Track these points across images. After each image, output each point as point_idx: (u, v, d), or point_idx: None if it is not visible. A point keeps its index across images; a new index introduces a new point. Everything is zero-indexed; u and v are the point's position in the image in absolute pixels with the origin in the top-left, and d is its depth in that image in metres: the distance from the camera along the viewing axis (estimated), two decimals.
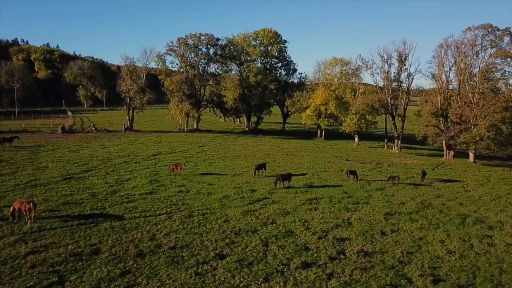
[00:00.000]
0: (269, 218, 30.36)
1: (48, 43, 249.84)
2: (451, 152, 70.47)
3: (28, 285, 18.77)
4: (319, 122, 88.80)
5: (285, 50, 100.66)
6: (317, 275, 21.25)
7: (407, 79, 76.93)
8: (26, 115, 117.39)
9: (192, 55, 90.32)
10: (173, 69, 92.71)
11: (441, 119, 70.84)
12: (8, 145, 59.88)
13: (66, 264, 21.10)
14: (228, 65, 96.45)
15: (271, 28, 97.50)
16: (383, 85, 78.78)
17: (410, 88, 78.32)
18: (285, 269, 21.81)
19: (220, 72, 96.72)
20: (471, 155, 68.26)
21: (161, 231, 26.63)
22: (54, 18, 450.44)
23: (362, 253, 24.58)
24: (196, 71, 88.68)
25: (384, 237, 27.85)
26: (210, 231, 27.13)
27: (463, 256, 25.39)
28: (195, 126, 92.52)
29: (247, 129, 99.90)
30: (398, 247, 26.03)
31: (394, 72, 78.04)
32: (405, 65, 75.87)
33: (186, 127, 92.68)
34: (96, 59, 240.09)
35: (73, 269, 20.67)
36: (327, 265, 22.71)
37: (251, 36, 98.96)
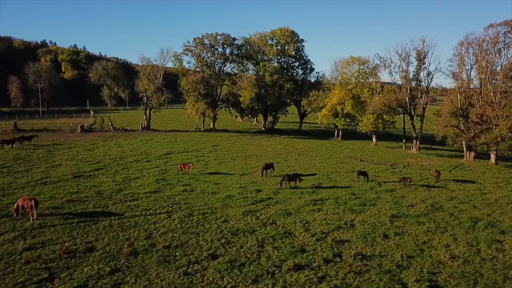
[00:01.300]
0: (269, 219, 30.03)
1: (75, 44, 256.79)
2: (472, 153, 68.14)
3: (18, 281, 19.10)
4: (335, 122, 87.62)
5: (302, 49, 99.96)
6: (308, 278, 20.81)
7: (427, 78, 74.94)
8: (50, 115, 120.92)
9: (209, 55, 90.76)
10: (190, 68, 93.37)
11: (461, 119, 68.58)
12: (27, 144, 61.65)
13: (59, 261, 21.39)
14: (244, 64, 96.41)
15: (288, 27, 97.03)
16: (402, 84, 76.89)
17: (429, 87, 76.13)
18: (277, 271, 21.45)
19: (237, 72, 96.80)
20: (492, 156, 65.82)
21: (159, 230, 26.71)
22: (82, 20, 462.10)
23: (360, 256, 23.93)
24: (212, 71, 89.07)
25: (386, 240, 27.07)
26: (207, 230, 27.04)
27: (467, 262, 24.38)
28: (211, 125, 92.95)
29: (263, 128, 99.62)
30: (399, 251, 25.24)
31: (413, 71, 76.17)
32: (424, 63, 73.88)
33: (203, 127, 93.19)
34: (120, 59, 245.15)
35: (65, 266, 20.94)
36: (321, 267, 22.21)
37: (268, 35, 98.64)
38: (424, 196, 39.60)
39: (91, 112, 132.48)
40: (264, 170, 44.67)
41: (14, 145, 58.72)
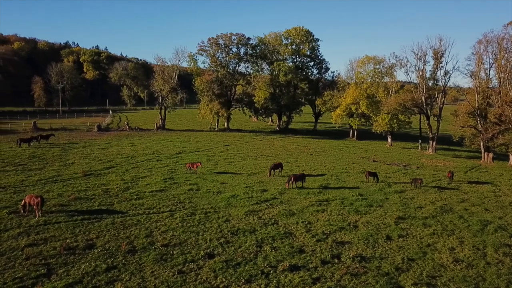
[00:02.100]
0: (271, 219, 29.95)
1: (97, 45, 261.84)
2: (490, 154, 66.29)
3: (16, 276, 19.60)
4: (350, 122, 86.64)
5: (317, 48, 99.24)
6: (303, 279, 20.65)
7: (444, 77, 73.30)
8: (70, 114, 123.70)
9: (223, 55, 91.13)
10: (205, 68, 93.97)
11: (479, 119, 66.79)
12: (45, 142, 63.22)
13: (58, 258, 21.85)
14: (259, 64, 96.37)
15: (303, 27, 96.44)
16: (418, 83, 75.42)
17: (447, 86, 74.45)
18: (272, 271, 21.38)
19: (251, 72, 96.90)
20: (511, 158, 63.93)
21: (160, 228, 26.97)
22: (104, 21, 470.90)
23: (358, 258, 23.63)
24: (225, 71, 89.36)
25: (389, 242, 26.63)
26: (208, 230, 27.15)
27: (471, 266, 23.75)
28: (225, 125, 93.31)
29: (277, 128, 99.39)
30: (401, 253, 24.78)
31: (430, 70, 74.60)
32: (441, 62, 72.26)
33: (217, 126, 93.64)
34: (140, 59, 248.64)
35: (63, 262, 21.37)
36: (317, 269, 22.02)
37: (283, 35, 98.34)
38: (434, 198, 38.77)
39: (110, 111, 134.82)
40: (272, 170, 44.55)
41: (32, 144, 60.29)
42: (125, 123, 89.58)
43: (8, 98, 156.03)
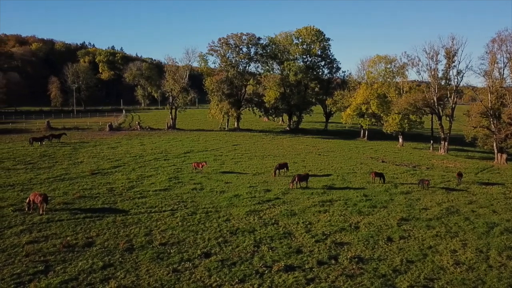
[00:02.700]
0: (272, 219, 29.92)
1: (113, 46, 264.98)
2: (504, 155, 64.92)
3: (15, 272, 20.02)
4: (360, 121, 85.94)
5: (328, 48, 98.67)
6: (297, 280, 20.58)
7: (456, 77, 72.07)
8: (83, 114, 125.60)
9: (233, 55, 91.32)
10: (214, 68, 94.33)
11: (491, 119, 65.48)
12: (56, 141, 64.37)
13: (57, 255, 22.23)
14: (270, 64, 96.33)
15: (313, 26, 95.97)
16: (430, 83, 74.29)
17: (459, 86, 73.22)
18: (266, 271, 21.36)
19: (262, 72, 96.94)
20: None
21: (159, 227, 27.20)
22: (119, 21, 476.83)
23: (356, 259, 23.43)
24: (235, 71, 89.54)
25: (389, 244, 26.34)
26: (207, 229, 27.27)
27: (471, 268, 23.32)
28: (235, 125, 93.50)
29: (287, 128, 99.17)
30: (400, 255, 24.47)
31: (442, 70, 73.46)
32: (453, 62, 71.08)
33: (227, 126, 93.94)
34: (154, 60, 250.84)
35: (61, 259, 21.73)
36: (313, 269, 21.91)
37: (293, 34, 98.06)
38: (441, 199, 38.18)
39: (123, 111, 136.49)
40: (277, 170, 44.49)
41: (44, 143, 61.43)
42: (136, 122, 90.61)
43: (26, 98, 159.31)
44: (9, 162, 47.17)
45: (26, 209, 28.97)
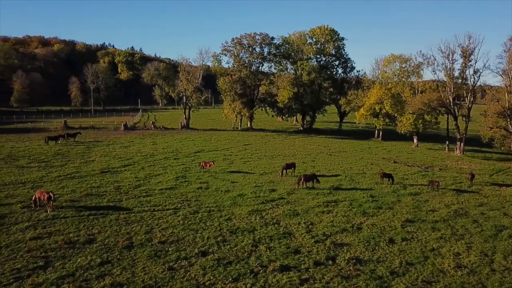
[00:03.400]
0: (273, 219, 29.89)
1: (132, 47, 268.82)
2: None
3: (15, 267, 20.59)
4: (374, 122, 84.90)
5: (343, 47, 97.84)
6: (291, 280, 20.53)
7: (473, 76, 70.45)
8: (101, 113, 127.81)
9: (247, 55, 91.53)
10: (227, 68, 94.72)
11: (509, 120, 63.78)
12: (72, 140, 65.79)
13: (58, 251, 22.76)
14: (284, 64, 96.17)
15: (327, 26, 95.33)
16: (446, 82, 72.81)
17: (476, 85, 71.54)
18: (261, 271, 21.38)
19: (275, 71, 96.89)
20: None
21: (161, 225, 27.52)
22: (140, 23, 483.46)
23: (354, 261, 23.21)
24: (248, 71, 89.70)
25: (390, 245, 25.99)
26: (207, 228, 27.44)
27: (473, 272, 22.81)
28: (248, 125, 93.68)
29: (301, 128, 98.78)
30: (400, 257, 24.12)
31: (459, 69, 71.97)
32: (470, 61, 69.52)
33: (240, 126, 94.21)
34: (172, 60, 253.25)
35: (61, 256, 22.24)
36: (309, 270, 21.82)
37: (307, 34, 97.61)
38: (450, 201, 37.41)
39: (140, 111, 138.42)
40: (284, 170, 44.39)
41: (59, 142, 62.84)
42: (150, 122, 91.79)
43: (48, 98, 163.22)
44: (24, 160, 48.48)
45: (33, 206, 29.74)
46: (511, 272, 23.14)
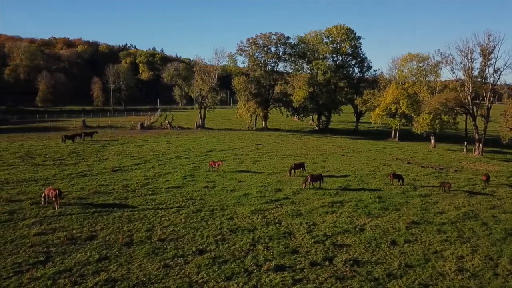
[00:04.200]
0: (276, 218, 29.87)
1: (154, 47, 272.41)
2: None
3: (16, 261, 21.28)
4: (389, 122, 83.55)
5: (360, 46, 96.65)
6: (284, 280, 20.50)
7: (493, 75, 68.49)
8: (120, 113, 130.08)
9: (262, 55, 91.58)
10: (243, 67, 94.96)
11: None
12: (89, 139, 67.30)
13: (60, 247, 23.37)
14: (300, 63, 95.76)
15: (344, 25, 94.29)
16: (464, 82, 70.99)
17: (496, 85, 69.54)
18: (255, 270, 21.42)
19: (291, 71, 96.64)
20: None
21: (163, 223, 27.89)
22: (160, 23, 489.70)
23: (351, 262, 22.96)
24: (262, 70, 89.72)
25: (392, 247, 25.60)
26: (208, 226, 27.65)
27: (475, 276, 22.26)
28: (263, 124, 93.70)
29: (316, 128, 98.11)
30: (400, 259, 23.73)
31: (478, 68, 70.07)
32: (489, 60, 67.61)
33: (255, 126, 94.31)
34: (192, 60, 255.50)
35: (62, 251, 22.83)
36: (304, 270, 21.73)
37: (323, 33, 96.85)
38: (461, 203, 36.53)
39: (158, 110, 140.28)
40: (293, 170, 44.22)
41: (76, 140, 64.34)
42: (166, 121, 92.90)
43: (71, 98, 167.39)
44: (40, 158, 49.90)
45: (42, 203, 30.58)
46: None
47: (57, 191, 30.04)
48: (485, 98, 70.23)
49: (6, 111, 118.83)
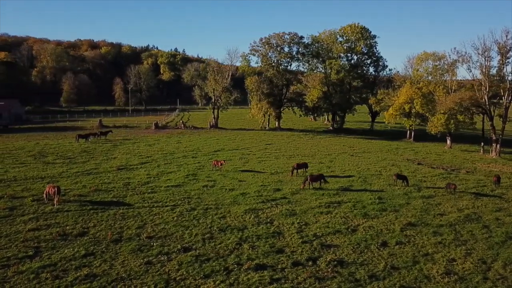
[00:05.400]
0: (268, 218, 29.85)
1: (176, 48, 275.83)
2: None
3: (6, 255, 22.05)
4: (403, 122, 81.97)
5: (375, 45, 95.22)
6: (261, 279, 20.49)
7: (511, 74, 66.22)
8: (140, 113, 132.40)
9: (275, 54, 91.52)
10: (256, 67, 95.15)
11: None
12: (104, 138, 68.92)
13: (50, 242, 24.07)
14: (314, 63, 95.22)
15: (358, 23, 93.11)
16: (481, 80, 68.91)
17: None
18: (236, 269, 21.50)
19: (305, 71, 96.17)
20: None
21: (154, 221, 28.31)
22: (183, 24, 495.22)
23: (335, 262, 22.72)
24: (275, 70, 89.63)
25: (381, 249, 25.19)
26: (199, 225, 27.90)
27: (462, 279, 21.67)
28: (276, 124, 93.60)
29: (331, 128, 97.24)
30: (387, 261, 23.32)
31: (496, 66, 67.92)
32: (508, 58, 65.41)
33: (268, 125, 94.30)
34: (216, 60, 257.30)
35: (51, 246, 23.52)
36: (284, 270, 21.66)
37: (337, 32, 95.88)
38: (464, 205, 35.54)
39: (176, 110, 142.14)
40: (295, 170, 44.04)
41: (89, 139, 66.01)
42: (181, 121, 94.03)
43: (94, 98, 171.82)
44: (51, 156, 51.45)
45: (45, 200, 31.55)
46: (505, 281, 21.76)
47: (56, 189, 30.94)
48: (503, 98, 67.98)
49: (31, 111, 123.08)
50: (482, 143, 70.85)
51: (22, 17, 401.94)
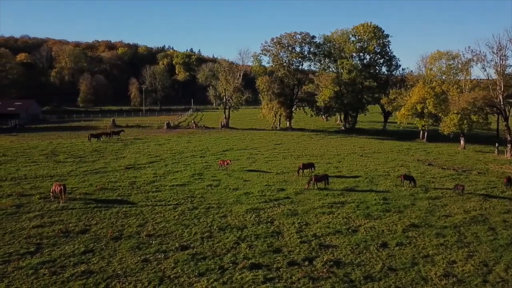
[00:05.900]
0: (269, 218, 29.88)
1: (191, 48, 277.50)
2: None
3: (8, 251, 22.67)
4: (416, 122, 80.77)
5: (388, 45, 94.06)
6: (255, 278, 20.57)
7: None
8: (154, 112, 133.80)
9: (287, 54, 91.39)
10: (267, 67, 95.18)
11: None
12: (116, 138, 69.96)
13: (51, 239, 24.64)
14: (326, 63, 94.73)
15: (371, 23, 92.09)
16: (496, 80, 67.48)
17: None
18: (230, 268, 21.62)
19: (316, 70, 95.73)
20: None
21: (156, 219, 28.67)
22: (198, 25, 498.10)
23: (331, 263, 22.63)
24: (286, 70, 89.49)
25: (380, 250, 24.96)
26: (199, 224, 28.13)
27: (460, 282, 21.32)
28: (287, 124, 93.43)
29: (343, 128, 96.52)
30: (385, 262, 23.11)
31: (511, 66, 66.41)
32: None
33: (279, 125, 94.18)
34: (227, 60, 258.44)
35: (53, 243, 24.06)
36: (279, 269, 21.68)
37: (350, 32, 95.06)
38: (472, 207, 34.88)
39: (190, 110, 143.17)
40: (301, 170, 43.93)
41: (101, 139, 67.08)
42: (192, 121, 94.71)
43: (111, 98, 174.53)
44: (63, 155, 52.53)
45: (52, 198, 32.27)
46: (506, 284, 21.32)
47: (61, 187, 31.61)
48: None
49: (49, 111, 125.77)
50: (497, 144, 69.35)
51: (41, 19, 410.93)
